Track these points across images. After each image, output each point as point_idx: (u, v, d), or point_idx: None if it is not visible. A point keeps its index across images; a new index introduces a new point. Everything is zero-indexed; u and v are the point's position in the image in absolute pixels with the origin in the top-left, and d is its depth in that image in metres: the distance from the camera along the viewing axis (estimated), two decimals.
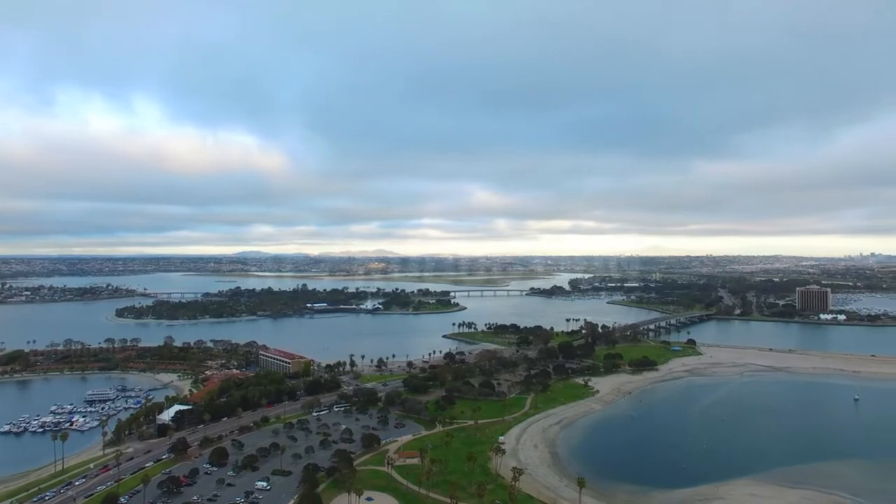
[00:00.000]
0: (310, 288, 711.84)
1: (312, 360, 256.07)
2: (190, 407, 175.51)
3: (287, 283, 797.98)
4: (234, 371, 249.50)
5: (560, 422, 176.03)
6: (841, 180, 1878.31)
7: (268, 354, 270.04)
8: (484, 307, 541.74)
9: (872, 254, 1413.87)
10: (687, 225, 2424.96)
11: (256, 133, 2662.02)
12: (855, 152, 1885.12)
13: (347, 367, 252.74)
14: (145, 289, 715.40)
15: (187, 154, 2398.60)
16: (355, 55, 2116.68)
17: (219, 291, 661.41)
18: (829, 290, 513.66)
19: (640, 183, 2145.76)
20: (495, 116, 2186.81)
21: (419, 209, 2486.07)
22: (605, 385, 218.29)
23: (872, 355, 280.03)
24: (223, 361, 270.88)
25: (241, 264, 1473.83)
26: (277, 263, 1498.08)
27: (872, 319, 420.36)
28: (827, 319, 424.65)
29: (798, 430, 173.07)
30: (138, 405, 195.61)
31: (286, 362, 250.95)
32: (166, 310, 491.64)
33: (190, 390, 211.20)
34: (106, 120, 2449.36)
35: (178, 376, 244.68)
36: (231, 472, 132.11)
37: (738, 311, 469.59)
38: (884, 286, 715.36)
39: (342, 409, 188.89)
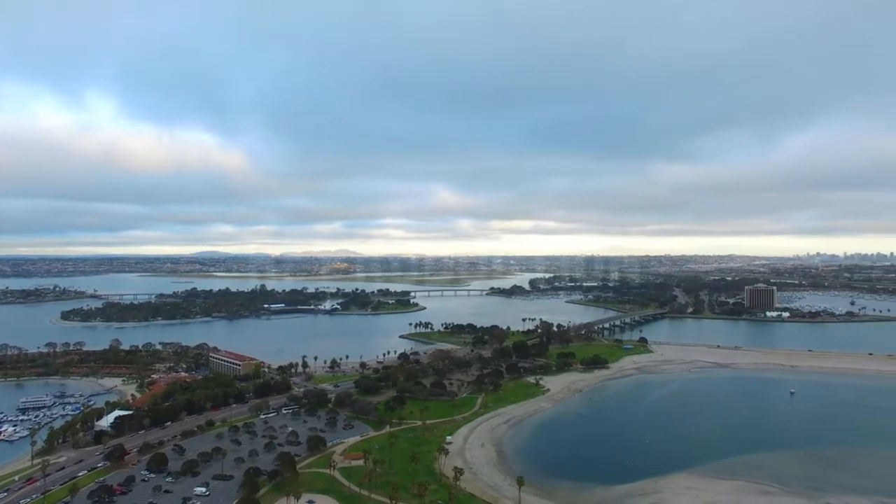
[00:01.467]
0: (269, 288, 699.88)
1: (263, 362, 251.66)
2: (131, 412, 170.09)
3: (246, 283, 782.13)
4: (183, 374, 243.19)
5: (509, 421, 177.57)
6: (789, 183, 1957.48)
7: (218, 357, 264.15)
8: (444, 307, 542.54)
9: (818, 253, 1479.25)
10: (646, 225, 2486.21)
11: (215, 131, 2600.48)
12: (801, 157, 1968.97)
13: (300, 369, 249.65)
14: (95, 290, 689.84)
15: (143, 152, 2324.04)
16: (316, 54, 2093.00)
17: (174, 292, 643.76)
18: (775, 288, 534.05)
19: (600, 184, 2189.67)
20: (458, 117, 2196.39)
21: (382, 209, 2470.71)
22: (556, 384, 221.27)
23: (809, 350, 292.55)
24: (172, 364, 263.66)
25: (199, 265, 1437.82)
26: (237, 264, 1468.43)
27: (813, 316, 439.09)
28: (772, 317, 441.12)
29: (737, 423, 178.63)
30: (76, 412, 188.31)
31: (236, 364, 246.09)
32: (116, 312, 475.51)
33: (132, 395, 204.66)
34: (56, 116, 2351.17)
35: (123, 381, 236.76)
36: (170, 479, 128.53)
37: (690, 310, 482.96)
38: (825, 284, 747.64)
39: (291, 411, 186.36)
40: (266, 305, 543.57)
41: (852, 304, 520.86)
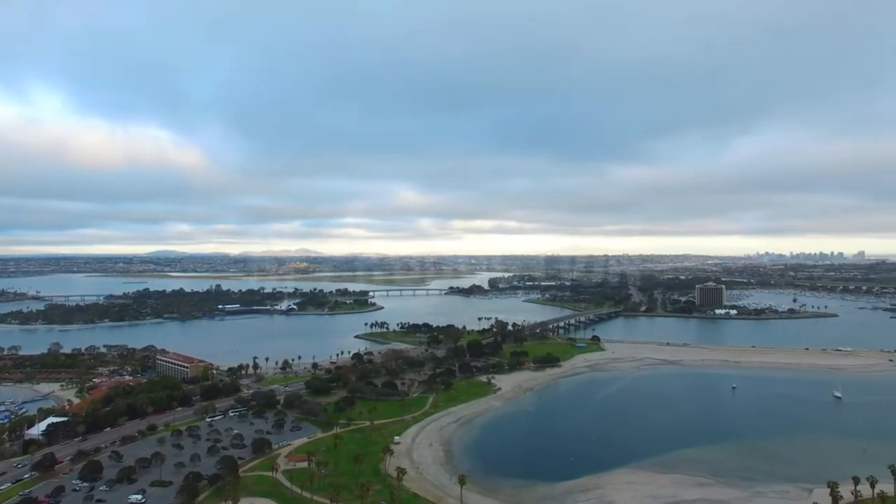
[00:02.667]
0: (224, 288, 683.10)
1: (212, 364, 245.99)
2: (66, 419, 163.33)
3: (202, 283, 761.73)
4: (127, 378, 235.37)
5: (458, 420, 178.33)
6: (739, 185, 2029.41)
7: (166, 359, 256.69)
8: (402, 307, 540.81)
9: (767, 253, 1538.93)
10: (604, 225, 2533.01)
11: (171, 128, 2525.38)
12: (750, 160, 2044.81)
13: (250, 370, 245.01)
14: (38, 291, 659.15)
15: (95, 147, 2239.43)
16: (273, 50, 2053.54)
17: (124, 293, 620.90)
18: (723, 287, 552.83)
19: (559, 185, 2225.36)
20: (418, 117, 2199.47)
21: (343, 208, 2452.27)
22: (507, 382, 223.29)
23: (753, 346, 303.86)
24: (116, 368, 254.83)
25: (154, 264, 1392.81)
26: (194, 263, 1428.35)
27: (758, 314, 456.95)
28: (721, 314, 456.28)
29: (680, 418, 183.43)
30: (5, 420, 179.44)
31: (184, 367, 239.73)
32: (59, 314, 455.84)
33: (68, 401, 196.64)
34: None
35: (62, 386, 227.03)
36: (104, 487, 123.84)
37: (644, 308, 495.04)
38: (772, 283, 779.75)
39: (238, 413, 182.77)
40: (220, 306, 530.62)
41: (794, 301, 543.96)
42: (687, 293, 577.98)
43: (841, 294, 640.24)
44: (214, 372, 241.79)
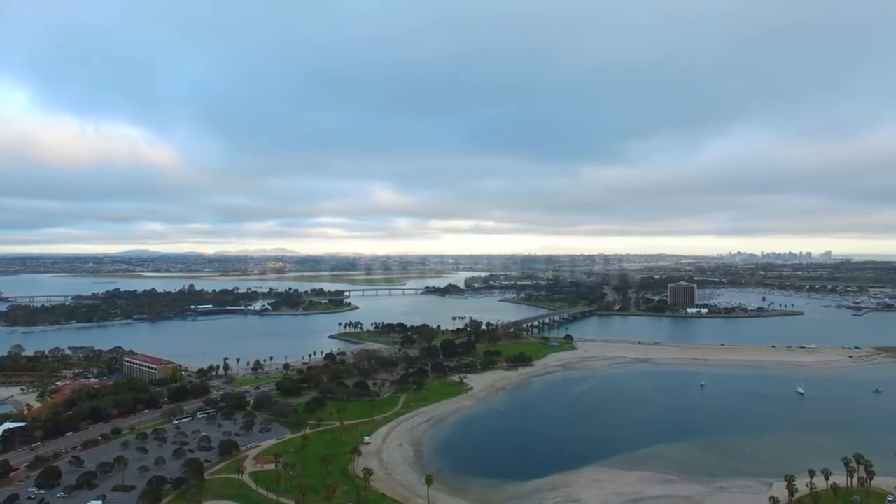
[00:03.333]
0: (197, 288, 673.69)
1: (181, 366, 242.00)
2: (24, 424, 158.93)
3: (175, 283, 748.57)
4: (92, 380, 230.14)
5: (429, 420, 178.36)
6: (712, 186, 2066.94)
7: (133, 361, 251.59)
8: (377, 306, 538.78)
9: (739, 253, 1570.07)
10: (580, 225, 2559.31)
11: (143, 125, 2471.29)
12: (720, 162, 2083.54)
13: (221, 371, 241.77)
14: (1, 292, 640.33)
15: (64, 144, 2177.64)
16: (248, 49, 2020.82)
17: (93, 294, 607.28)
18: (695, 286, 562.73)
19: (536, 185, 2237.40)
20: (394, 116, 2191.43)
21: (319, 207, 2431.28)
22: (480, 382, 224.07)
23: (722, 344, 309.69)
24: (81, 370, 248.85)
25: (125, 264, 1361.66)
26: (167, 263, 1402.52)
27: (728, 312, 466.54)
28: (692, 313, 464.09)
29: (648, 416, 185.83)
30: None
31: (152, 368, 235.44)
32: (23, 315, 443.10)
33: (28, 405, 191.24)
34: None
35: (22, 390, 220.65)
36: (61, 494, 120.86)
37: (617, 307, 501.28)
38: (742, 282, 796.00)
39: (206, 415, 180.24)
40: (193, 306, 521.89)
41: (763, 300, 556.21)
42: (660, 292, 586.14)
43: (808, 293, 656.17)
44: (184, 373, 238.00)
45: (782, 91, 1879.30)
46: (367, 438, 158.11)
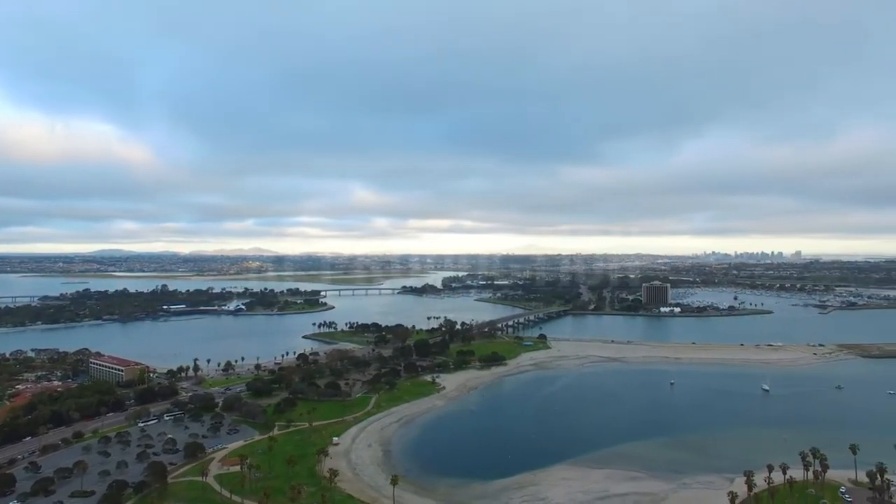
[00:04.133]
0: (171, 288, 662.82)
1: (149, 367, 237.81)
2: None
3: (148, 283, 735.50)
4: (56, 383, 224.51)
5: (400, 420, 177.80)
6: (688, 187, 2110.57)
7: (99, 362, 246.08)
8: (354, 306, 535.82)
9: (713, 252, 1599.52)
10: (558, 225, 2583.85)
11: (116, 122, 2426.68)
12: (696, 163, 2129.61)
13: (191, 372, 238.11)
14: None
15: (32, 141, 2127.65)
16: (223, 46, 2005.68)
17: (61, 294, 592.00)
18: (668, 285, 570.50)
19: (515, 185, 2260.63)
20: (372, 116, 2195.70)
21: (298, 207, 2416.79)
22: (452, 381, 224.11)
23: (693, 343, 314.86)
24: (44, 373, 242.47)
25: (97, 264, 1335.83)
26: (141, 263, 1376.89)
27: (700, 311, 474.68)
28: (665, 312, 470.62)
29: (618, 414, 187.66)
30: None
31: (119, 370, 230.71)
32: None
33: None
34: None
35: None
36: (15, 502, 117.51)
37: (592, 307, 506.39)
38: (716, 281, 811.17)
39: (173, 417, 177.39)
40: (165, 307, 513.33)
41: (735, 298, 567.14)
42: (635, 292, 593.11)
43: (778, 292, 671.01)
44: (152, 375, 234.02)
45: (756, 94, 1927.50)
46: (336, 439, 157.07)
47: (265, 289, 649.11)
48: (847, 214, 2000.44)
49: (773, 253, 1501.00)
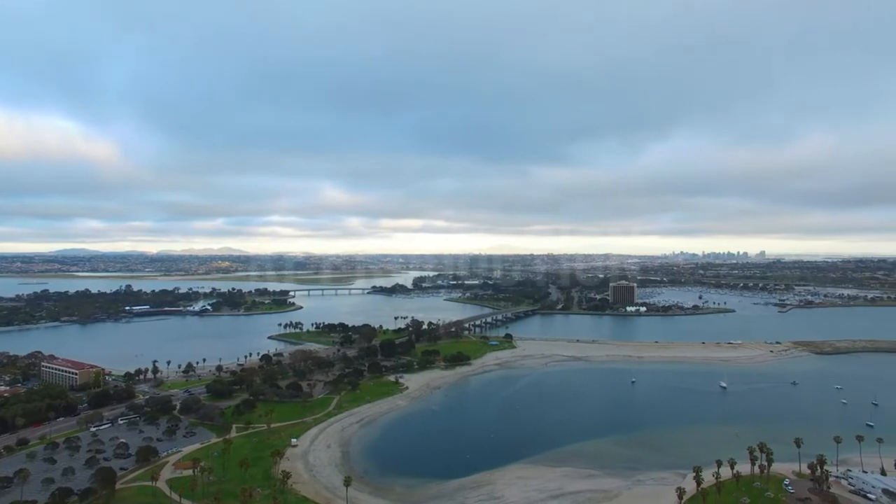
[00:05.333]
0: (136, 289, 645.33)
1: (105, 370, 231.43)
2: None
3: (111, 283, 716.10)
4: (2, 388, 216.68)
5: (361, 420, 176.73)
6: (654, 188, 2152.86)
7: (52, 366, 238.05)
8: (322, 306, 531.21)
9: (682, 252, 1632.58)
10: (530, 225, 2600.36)
11: (79, 119, 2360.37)
12: (661, 165, 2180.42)
13: (149, 375, 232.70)
14: None
15: None
16: (188, 44, 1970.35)
17: (17, 295, 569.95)
18: (635, 285, 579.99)
19: (486, 185, 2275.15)
20: (342, 116, 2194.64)
21: (269, 206, 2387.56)
22: (416, 381, 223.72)
23: (656, 341, 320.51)
24: None
25: (58, 264, 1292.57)
26: (106, 263, 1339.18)
27: (665, 310, 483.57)
28: (632, 311, 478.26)
29: (578, 413, 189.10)
30: None
31: (73, 373, 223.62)
32: None
33: None
34: None
35: None
36: None
37: (560, 306, 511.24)
38: (682, 280, 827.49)
39: (127, 420, 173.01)
40: (128, 308, 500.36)
41: (700, 298, 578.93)
42: (603, 291, 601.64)
43: (741, 291, 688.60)
44: (109, 378, 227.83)
45: (713, 100, 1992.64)
46: (294, 440, 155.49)
47: (233, 289, 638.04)
48: (804, 216, 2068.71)
49: (738, 253, 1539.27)
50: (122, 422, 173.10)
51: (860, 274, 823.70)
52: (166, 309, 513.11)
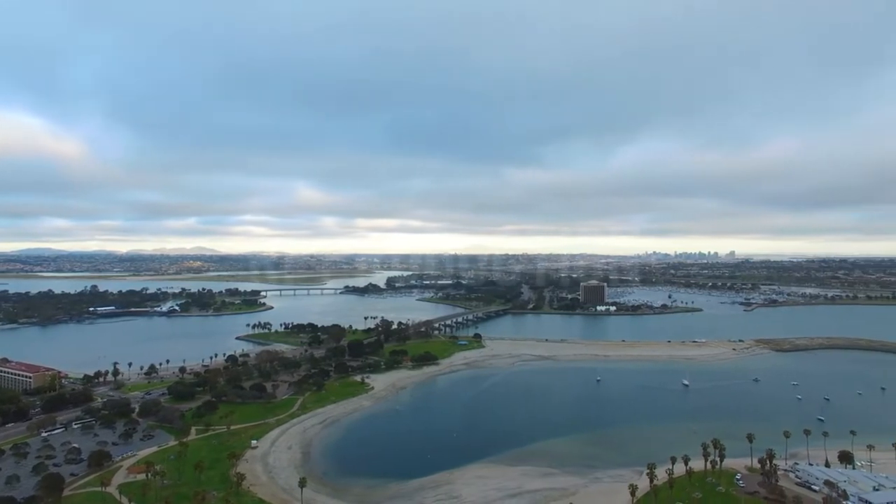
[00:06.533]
0: (102, 289, 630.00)
1: (61, 372, 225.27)
2: None
3: (77, 283, 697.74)
4: None
5: (324, 421, 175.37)
6: (626, 189, 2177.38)
7: (5, 369, 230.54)
8: (294, 307, 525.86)
9: (655, 252, 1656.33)
10: (504, 225, 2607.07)
11: (45, 116, 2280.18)
12: (632, 166, 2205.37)
13: (109, 377, 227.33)
14: None
15: None
16: (157, 41, 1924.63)
17: None
18: (605, 284, 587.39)
19: (460, 185, 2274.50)
20: (314, 115, 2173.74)
21: (242, 205, 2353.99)
22: (382, 381, 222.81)
23: (623, 340, 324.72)
24: None
25: (21, 263, 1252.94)
26: (72, 262, 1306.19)
27: (634, 309, 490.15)
28: (602, 311, 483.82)
29: (542, 412, 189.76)
30: None
31: (27, 377, 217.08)
32: None
33: None
34: None
35: None
36: None
37: (531, 306, 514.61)
38: (653, 280, 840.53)
39: (82, 424, 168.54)
40: (92, 308, 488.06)
41: (669, 297, 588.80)
42: (575, 291, 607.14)
43: (710, 290, 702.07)
44: (66, 381, 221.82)
45: (680, 103, 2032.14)
46: (254, 442, 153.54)
47: (203, 289, 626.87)
48: (772, 217, 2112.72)
49: (709, 253, 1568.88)
50: (76, 426, 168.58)
51: (822, 273, 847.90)
52: (133, 310, 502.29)
